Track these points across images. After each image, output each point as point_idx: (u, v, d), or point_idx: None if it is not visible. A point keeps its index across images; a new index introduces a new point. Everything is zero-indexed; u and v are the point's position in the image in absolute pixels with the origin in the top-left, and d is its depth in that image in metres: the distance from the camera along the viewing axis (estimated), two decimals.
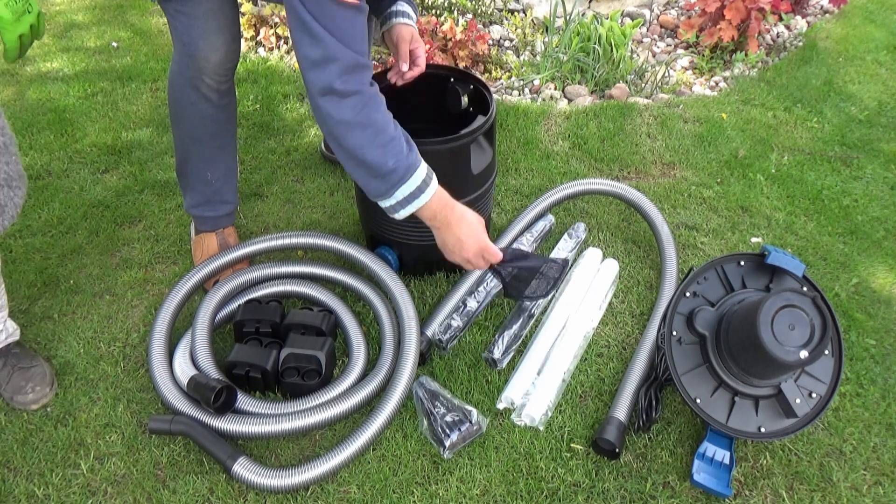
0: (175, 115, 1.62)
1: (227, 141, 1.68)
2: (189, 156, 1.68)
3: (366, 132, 1.27)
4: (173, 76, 1.56)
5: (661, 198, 2.09)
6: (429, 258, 1.74)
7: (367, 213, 1.74)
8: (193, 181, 1.72)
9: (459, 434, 1.40)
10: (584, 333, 1.64)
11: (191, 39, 1.43)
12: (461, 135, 1.54)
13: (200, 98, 1.54)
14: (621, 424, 1.41)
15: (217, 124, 1.62)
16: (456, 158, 1.57)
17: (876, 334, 1.68)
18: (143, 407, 1.50)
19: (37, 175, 2.16)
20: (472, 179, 1.62)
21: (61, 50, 2.87)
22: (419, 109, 1.72)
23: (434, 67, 1.77)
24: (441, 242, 1.45)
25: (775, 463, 1.41)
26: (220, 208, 1.76)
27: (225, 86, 1.54)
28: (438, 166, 1.54)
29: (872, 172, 2.22)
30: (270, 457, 1.41)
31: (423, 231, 1.64)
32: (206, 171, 1.69)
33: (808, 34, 3.04)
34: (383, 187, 1.33)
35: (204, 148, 1.65)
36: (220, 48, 1.44)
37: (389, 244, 1.73)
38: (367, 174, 1.32)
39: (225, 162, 1.71)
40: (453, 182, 1.58)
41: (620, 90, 2.61)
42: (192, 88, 1.52)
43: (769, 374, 1.34)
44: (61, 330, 1.67)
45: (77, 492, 1.35)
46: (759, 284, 1.47)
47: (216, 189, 1.73)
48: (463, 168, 1.59)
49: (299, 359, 1.49)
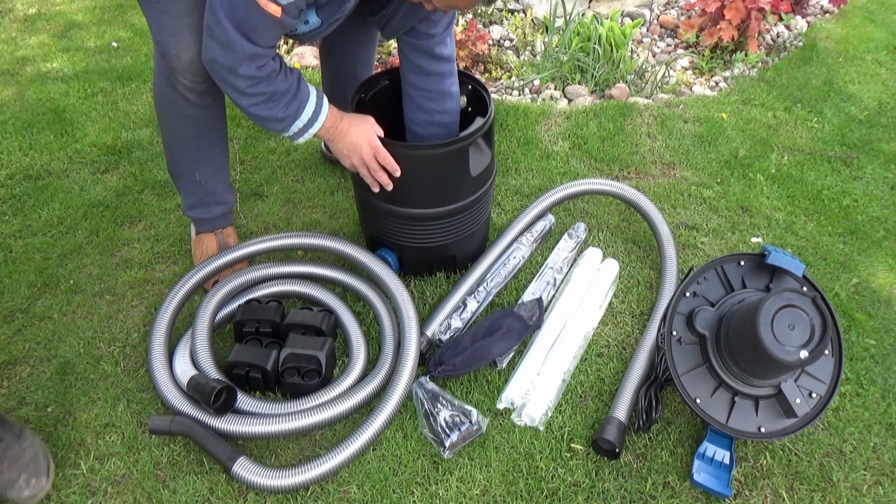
0: (159, 115, 1.63)
1: (212, 142, 1.66)
2: (176, 157, 1.68)
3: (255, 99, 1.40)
4: (154, 75, 1.56)
5: (661, 198, 2.09)
6: (429, 259, 1.74)
7: (368, 216, 1.74)
8: (184, 182, 1.72)
9: (459, 434, 1.40)
10: (584, 333, 1.64)
11: (163, 38, 1.44)
12: (459, 138, 1.54)
13: (178, 97, 1.53)
14: (621, 424, 1.41)
15: (199, 124, 1.60)
16: (454, 162, 1.56)
17: (876, 334, 1.68)
18: (143, 407, 1.50)
19: (37, 175, 2.16)
20: (470, 182, 1.62)
21: (61, 50, 2.87)
22: None
23: None
24: (337, 151, 1.56)
25: (775, 463, 1.41)
26: (215, 209, 1.75)
27: (202, 86, 1.51)
28: (436, 169, 1.54)
29: (872, 172, 2.22)
30: (270, 457, 1.41)
31: (423, 233, 1.64)
32: (193, 172, 1.68)
33: (808, 34, 3.04)
34: (279, 127, 1.47)
35: (188, 148, 1.64)
36: (191, 47, 1.43)
37: (389, 246, 1.73)
38: (262, 122, 1.47)
39: (213, 162, 1.69)
40: (451, 184, 1.59)
41: (620, 90, 2.61)
42: (169, 87, 1.52)
43: (769, 374, 1.34)
44: (61, 330, 1.67)
45: (77, 492, 1.35)
46: (759, 284, 1.47)
47: (207, 190, 1.71)
48: (461, 171, 1.59)
49: (299, 359, 1.49)
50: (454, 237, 1.69)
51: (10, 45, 2.91)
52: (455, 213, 1.63)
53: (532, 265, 1.86)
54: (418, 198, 1.60)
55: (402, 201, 1.61)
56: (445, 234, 1.67)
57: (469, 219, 1.68)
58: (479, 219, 1.73)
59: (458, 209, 1.63)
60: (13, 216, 2.00)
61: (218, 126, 1.66)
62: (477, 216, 1.71)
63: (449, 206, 1.62)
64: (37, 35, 2.99)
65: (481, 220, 1.75)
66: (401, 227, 1.66)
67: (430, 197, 1.60)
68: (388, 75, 1.75)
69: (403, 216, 1.63)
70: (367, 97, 1.70)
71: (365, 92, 1.70)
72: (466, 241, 1.73)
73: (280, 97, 1.41)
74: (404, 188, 1.58)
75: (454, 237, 1.69)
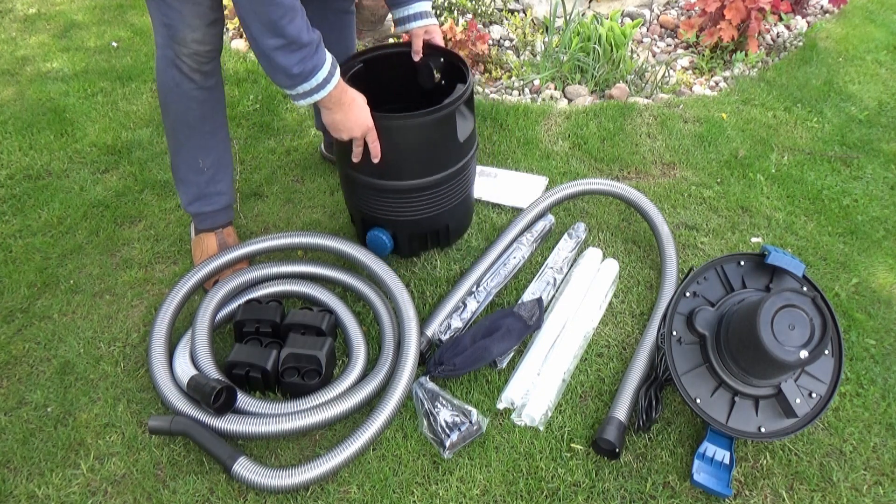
0: (163, 104, 1.64)
1: (216, 127, 1.69)
2: (179, 146, 1.70)
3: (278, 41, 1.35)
4: (158, 62, 1.59)
5: (661, 198, 2.09)
6: (423, 232, 1.78)
7: (359, 197, 1.75)
8: (185, 172, 1.73)
9: (459, 434, 1.40)
10: (584, 333, 1.64)
11: (170, 20, 1.48)
12: (447, 104, 1.59)
13: (184, 78, 1.56)
14: (621, 424, 1.41)
15: (204, 107, 1.63)
16: (443, 127, 1.61)
17: (876, 334, 1.68)
18: (143, 407, 1.50)
19: (37, 175, 2.16)
20: (458, 147, 1.67)
21: (61, 50, 2.87)
22: (393, 90, 1.81)
23: (403, 46, 1.83)
24: (333, 122, 1.52)
25: (775, 463, 1.41)
26: (216, 201, 1.77)
27: (207, 67, 1.57)
28: (427, 136, 1.60)
29: (872, 172, 2.22)
30: (270, 457, 1.41)
31: (418, 205, 1.70)
32: (197, 159, 1.70)
33: (808, 34, 3.04)
34: (287, 83, 1.42)
35: (193, 133, 1.67)
36: (197, 28, 1.49)
37: (383, 225, 1.75)
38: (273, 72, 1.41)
39: (217, 149, 1.72)
40: (442, 150, 1.66)
41: (620, 90, 2.61)
42: (175, 70, 1.55)
43: (769, 374, 1.34)
44: (61, 330, 1.67)
45: (77, 492, 1.35)
46: (759, 284, 1.47)
47: (209, 178, 1.73)
48: (450, 136, 1.64)
49: (299, 359, 1.49)
50: (447, 205, 1.74)
51: (10, 45, 2.91)
52: (447, 179, 1.69)
53: (532, 265, 1.86)
54: (412, 169, 1.65)
55: (396, 175, 1.65)
56: (439, 204, 1.72)
57: (460, 185, 1.74)
58: (468, 185, 1.80)
59: (450, 175, 1.69)
60: (13, 216, 2.00)
61: (221, 111, 1.70)
62: (466, 182, 1.77)
63: (441, 173, 1.67)
64: (37, 35, 2.99)
65: (469, 186, 1.81)
66: (395, 203, 1.69)
67: (424, 167, 1.65)
68: (360, 57, 1.78)
69: (398, 190, 1.66)
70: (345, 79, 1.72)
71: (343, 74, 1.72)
72: (458, 208, 1.79)
73: (298, 49, 1.37)
74: (398, 161, 1.62)
75: (447, 205, 1.74)
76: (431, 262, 1.85)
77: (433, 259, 1.86)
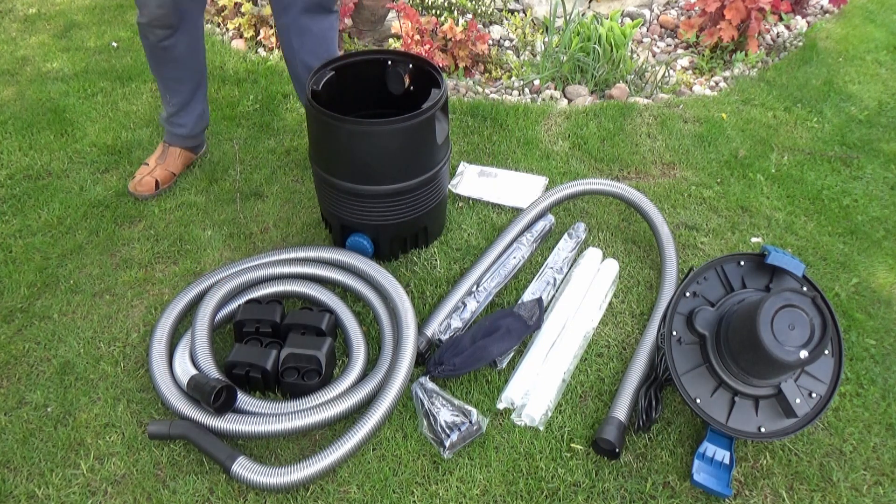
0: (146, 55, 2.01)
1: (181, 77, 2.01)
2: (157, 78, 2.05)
3: None
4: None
5: (661, 198, 2.09)
6: (403, 235, 1.81)
7: (339, 204, 1.75)
8: (162, 97, 2.08)
9: (459, 434, 1.40)
10: (584, 333, 1.64)
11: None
12: (426, 108, 1.63)
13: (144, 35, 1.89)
14: (621, 424, 1.41)
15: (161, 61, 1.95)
16: (424, 131, 1.65)
17: (876, 334, 1.68)
18: (143, 407, 1.50)
19: (37, 175, 2.16)
20: (437, 149, 1.71)
21: (61, 50, 2.87)
22: (363, 96, 1.85)
23: (373, 53, 1.86)
24: None
25: (775, 463, 1.41)
26: (178, 129, 2.11)
27: (162, 32, 1.85)
28: (409, 140, 1.64)
29: (872, 172, 2.22)
30: (270, 457, 1.41)
31: (400, 208, 1.72)
32: (165, 94, 2.06)
33: (808, 34, 3.04)
34: None
35: (159, 76, 2.03)
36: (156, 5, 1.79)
37: (364, 230, 1.76)
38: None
39: (181, 94, 2.04)
40: (422, 153, 1.70)
41: (620, 90, 2.61)
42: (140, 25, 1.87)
43: (769, 374, 1.34)
44: (61, 330, 1.67)
45: (77, 492, 1.35)
46: (759, 284, 1.47)
47: (173, 112, 2.07)
48: (430, 139, 1.67)
49: (299, 359, 1.49)
50: (426, 207, 1.77)
51: (10, 45, 2.91)
52: (427, 182, 1.73)
53: (532, 265, 1.86)
54: (394, 173, 1.67)
55: (378, 179, 1.67)
56: (420, 206, 1.75)
57: (438, 187, 1.78)
58: (444, 186, 1.84)
59: (430, 178, 1.73)
60: (13, 216, 2.00)
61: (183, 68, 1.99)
62: (443, 184, 1.81)
63: (422, 176, 1.71)
64: (37, 35, 2.99)
65: (445, 188, 1.87)
66: (377, 207, 1.71)
67: (405, 170, 1.68)
68: (331, 65, 1.78)
69: (380, 195, 1.69)
70: (318, 87, 1.73)
71: (316, 83, 1.73)
72: (436, 210, 1.82)
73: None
74: (380, 167, 1.65)
75: (426, 207, 1.77)
76: (431, 262, 1.85)
77: (433, 259, 1.86)
